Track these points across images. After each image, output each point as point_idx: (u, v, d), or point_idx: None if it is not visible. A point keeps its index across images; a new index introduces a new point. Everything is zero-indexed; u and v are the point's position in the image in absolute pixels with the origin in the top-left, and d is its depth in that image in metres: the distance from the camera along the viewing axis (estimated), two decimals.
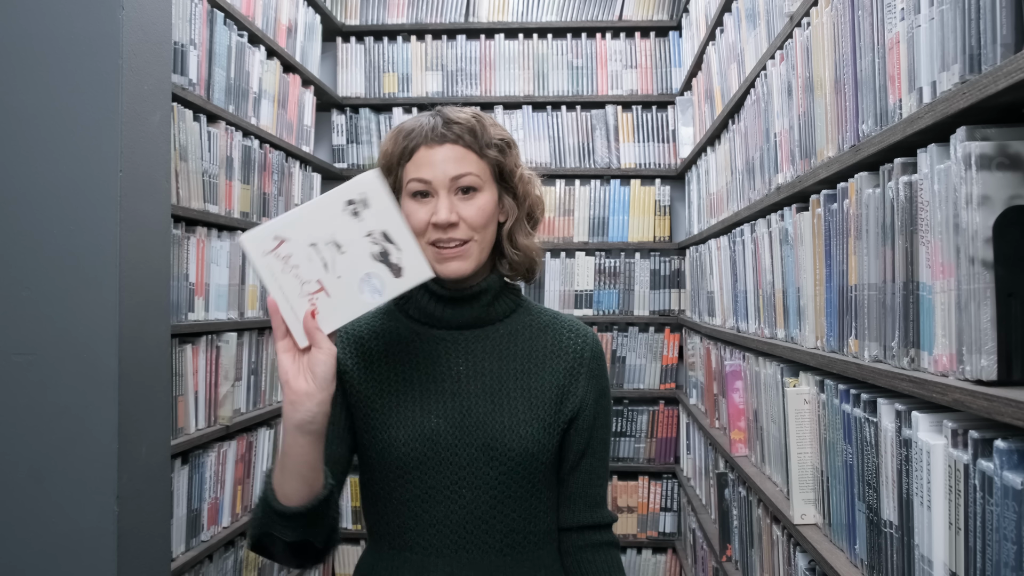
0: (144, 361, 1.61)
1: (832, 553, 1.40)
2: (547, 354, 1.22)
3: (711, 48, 2.90)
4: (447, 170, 1.14)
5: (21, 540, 1.51)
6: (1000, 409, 0.83)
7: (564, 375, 1.21)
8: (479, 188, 1.16)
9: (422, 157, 1.15)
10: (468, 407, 1.17)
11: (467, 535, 1.16)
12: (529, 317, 1.26)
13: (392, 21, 3.82)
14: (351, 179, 1.04)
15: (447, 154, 1.15)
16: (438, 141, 1.15)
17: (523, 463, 1.16)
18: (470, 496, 1.15)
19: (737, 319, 2.36)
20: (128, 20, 1.56)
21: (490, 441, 1.15)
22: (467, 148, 1.16)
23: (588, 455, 1.23)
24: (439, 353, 1.20)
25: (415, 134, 1.16)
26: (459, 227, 1.14)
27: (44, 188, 1.54)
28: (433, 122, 1.17)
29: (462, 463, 1.15)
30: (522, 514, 1.18)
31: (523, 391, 1.19)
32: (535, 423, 1.17)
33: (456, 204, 1.14)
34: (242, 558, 2.60)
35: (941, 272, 1.00)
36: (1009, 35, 0.86)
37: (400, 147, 1.17)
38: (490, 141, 1.17)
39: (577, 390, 1.21)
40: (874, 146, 1.22)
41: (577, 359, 1.22)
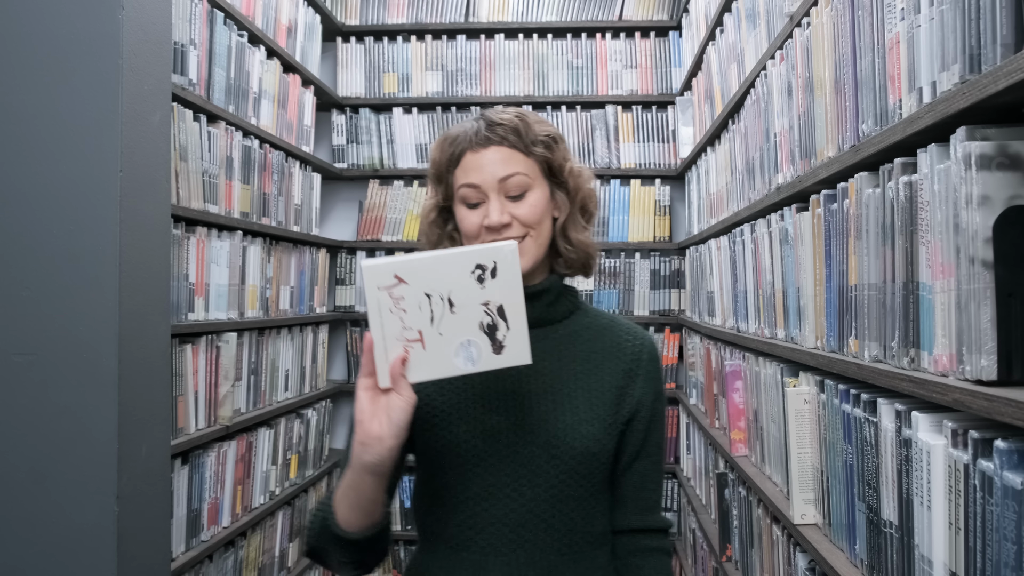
0: (144, 361, 1.61)
1: (832, 553, 1.40)
2: (606, 355, 1.22)
3: (711, 48, 2.90)
4: (495, 172, 1.15)
5: (21, 540, 1.51)
6: (1000, 409, 0.83)
7: (622, 376, 1.21)
8: (529, 187, 1.16)
9: (469, 162, 1.16)
10: (529, 405, 1.17)
11: (526, 533, 1.15)
12: (587, 319, 1.26)
13: (392, 21, 3.82)
14: (490, 245, 1.03)
15: (493, 156, 1.15)
16: (483, 144, 1.16)
17: (584, 462, 1.16)
18: (530, 494, 1.15)
19: (737, 319, 2.36)
20: (128, 20, 1.56)
21: (551, 439, 1.15)
22: (512, 148, 1.16)
23: (641, 457, 1.22)
24: None
25: (460, 140, 1.17)
26: (512, 226, 1.15)
27: (44, 188, 1.53)
28: (477, 126, 1.18)
29: (523, 460, 1.15)
30: (581, 514, 1.18)
31: (583, 390, 1.19)
32: (596, 422, 1.17)
33: (507, 205, 1.15)
34: (242, 558, 2.60)
35: (941, 272, 1.00)
36: (1009, 35, 0.86)
37: (447, 154, 1.18)
38: (536, 138, 1.17)
39: (634, 391, 1.21)
40: (874, 146, 1.22)
41: (635, 360, 1.22)
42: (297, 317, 3.16)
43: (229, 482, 2.48)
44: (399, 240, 3.77)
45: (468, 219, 1.17)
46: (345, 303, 3.79)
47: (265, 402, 2.85)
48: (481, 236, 1.16)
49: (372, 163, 3.83)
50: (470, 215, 1.17)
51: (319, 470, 3.42)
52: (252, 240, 2.72)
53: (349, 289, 3.80)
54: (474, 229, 1.16)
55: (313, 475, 3.33)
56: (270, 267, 2.90)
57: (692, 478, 3.35)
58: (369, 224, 3.82)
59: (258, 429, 2.74)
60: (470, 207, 1.17)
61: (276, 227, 2.93)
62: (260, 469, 2.75)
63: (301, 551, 3.23)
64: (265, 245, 2.85)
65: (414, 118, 3.81)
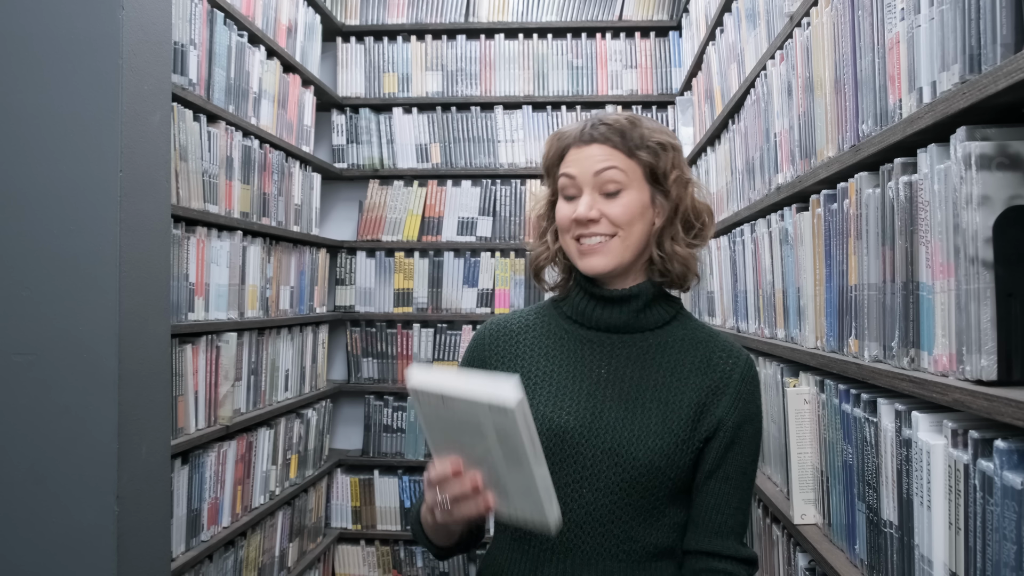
0: (144, 361, 1.61)
1: (832, 553, 1.40)
2: (693, 369, 1.20)
3: (711, 48, 2.90)
4: (591, 166, 1.17)
5: (21, 540, 1.51)
6: (1000, 409, 0.83)
7: (706, 393, 1.18)
8: (624, 187, 1.18)
9: (571, 156, 1.20)
10: (601, 410, 1.17)
11: (583, 535, 1.16)
12: (684, 330, 1.24)
13: (392, 21, 3.82)
14: (496, 394, 0.94)
15: (593, 152, 1.18)
16: (586, 141, 1.19)
17: (648, 473, 1.14)
18: (590, 497, 1.15)
19: (737, 319, 2.35)
20: (128, 20, 1.56)
21: (616, 447, 1.15)
22: (614, 148, 1.18)
23: (718, 478, 1.17)
24: (584, 353, 1.22)
25: (567, 136, 1.22)
26: (600, 223, 1.17)
27: (44, 188, 1.53)
28: (585, 122, 1.21)
29: (586, 463, 1.15)
30: (642, 524, 1.16)
31: (659, 403, 1.17)
32: (667, 436, 1.15)
33: (599, 201, 1.17)
34: (242, 558, 2.60)
35: (941, 272, 1.00)
36: (1009, 35, 0.86)
37: (554, 148, 1.23)
38: (641, 142, 1.18)
39: (717, 410, 1.18)
40: (874, 146, 1.22)
41: (724, 379, 1.19)
42: (297, 317, 3.16)
43: (229, 482, 2.48)
44: (399, 240, 3.77)
45: (562, 211, 1.21)
46: (345, 303, 3.79)
47: (265, 402, 2.85)
48: (571, 228, 1.19)
49: (372, 163, 3.83)
50: (564, 207, 1.21)
51: (319, 470, 3.42)
52: (252, 240, 2.72)
53: (349, 289, 3.80)
54: (565, 221, 1.20)
55: (313, 475, 3.33)
56: (270, 267, 2.90)
57: None
58: (369, 224, 3.82)
59: (258, 429, 2.74)
60: (566, 199, 1.20)
61: (276, 227, 2.93)
62: (260, 469, 2.75)
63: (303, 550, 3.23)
64: (265, 245, 2.85)
65: (414, 118, 3.81)
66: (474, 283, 3.76)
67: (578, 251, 1.19)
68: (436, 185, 3.81)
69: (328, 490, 3.67)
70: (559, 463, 1.16)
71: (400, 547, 3.73)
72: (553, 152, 1.23)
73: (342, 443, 3.89)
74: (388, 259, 3.79)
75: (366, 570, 3.73)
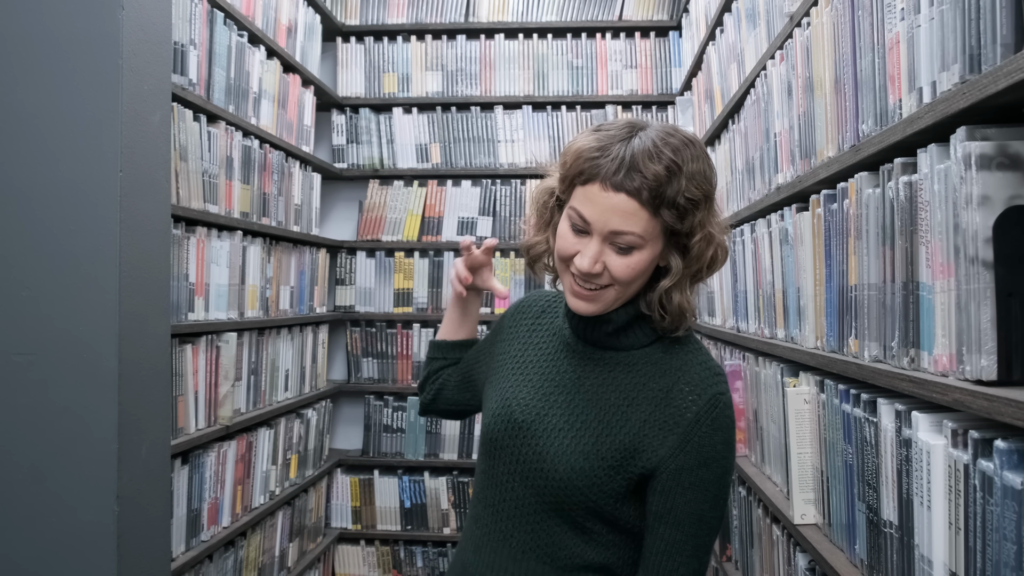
0: (144, 361, 1.61)
1: (832, 553, 1.40)
2: (648, 399, 1.13)
3: (711, 48, 2.90)
4: (609, 222, 1.07)
5: (22, 539, 1.51)
6: (1000, 409, 0.83)
7: (652, 426, 1.11)
8: (638, 247, 1.08)
9: (594, 194, 1.07)
10: (545, 413, 1.17)
11: (514, 530, 1.17)
12: (660, 355, 1.16)
13: (392, 21, 3.82)
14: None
15: (617, 204, 1.06)
16: (614, 187, 1.06)
17: (564, 490, 1.12)
18: (520, 493, 1.17)
19: (737, 319, 2.35)
20: (128, 20, 1.56)
21: (543, 453, 1.14)
22: (641, 205, 1.06)
23: (668, 523, 1.10)
24: (562, 356, 1.22)
25: (599, 163, 1.07)
26: (601, 276, 1.10)
27: (44, 188, 1.54)
28: (621, 158, 1.06)
29: (520, 459, 1.17)
30: (569, 534, 1.14)
31: (600, 423, 1.13)
32: (593, 459, 1.11)
33: (606, 253, 1.09)
34: (242, 558, 2.60)
35: (941, 272, 1.00)
36: (1009, 35, 0.86)
37: (580, 167, 1.09)
38: (672, 199, 1.06)
39: (660, 449, 1.10)
40: (874, 146, 1.22)
41: (675, 417, 1.11)
42: (297, 317, 3.16)
43: (229, 482, 2.48)
44: (399, 240, 3.77)
45: (567, 241, 1.11)
46: (345, 303, 3.79)
47: (265, 402, 2.85)
48: (567, 263, 1.12)
49: (372, 163, 3.83)
50: (570, 238, 1.11)
51: (319, 470, 3.42)
52: (252, 240, 2.72)
53: (349, 289, 3.80)
54: (566, 254, 1.12)
55: (313, 475, 3.33)
56: (270, 267, 2.90)
57: None
58: (369, 224, 3.82)
59: (258, 429, 2.74)
60: (574, 231, 1.11)
61: (276, 227, 2.93)
62: (260, 469, 2.75)
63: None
64: (265, 245, 2.85)
65: (414, 118, 3.81)
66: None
67: (570, 287, 1.13)
68: (436, 185, 3.81)
69: (328, 490, 3.67)
70: (501, 452, 1.19)
71: (400, 547, 3.73)
72: (578, 169, 1.10)
73: (342, 443, 3.89)
74: (388, 259, 3.79)
75: (366, 570, 3.73)
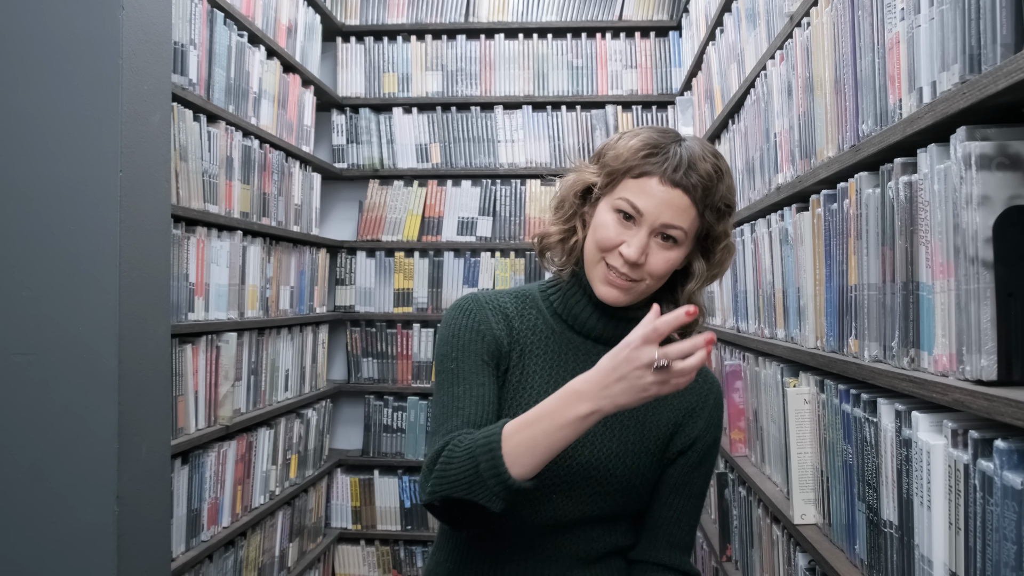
0: (144, 361, 1.61)
1: (832, 553, 1.40)
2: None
3: (711, 48, 2.90)
4: (662, 214, 1.10)
5: (21, 539, 1.51)
6: (1000, 409, 0.83)
7: (683, 413, 1.21)
8: (680, 243, 1.13)
9: (651, 187, 1.10)
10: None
11: (547, 538, 1.17)
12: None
13: (392, 21, 3.82)
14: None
15: (673, 198, 1.10)
16: (673, 183, 1.10)
17: (622, 491, 1.17)
18: (560, 504, 1.15)
19: (737, 319, 2.35)
20: (128, 20, 1.56)
21: (594, 462, 1.15)
22: (693, 203, 1.11)
23: (683, 495, 1.21)
24: (569, 359, 1.19)
25: (657, 160, 1.11)
26: (639, 269, 1.12)
27: (44, 188, 1.53)
28: (679, 157, 1.11)
29: (560, 473, 1.13)
30: (604, 528, 1.20)
31: (637, 422, 1.18)
32: (643, 456, 1.18)
33: (649, 245, 1.11)
34: (242, 558, 2.60)
35: (941, 272, 1.00)
36: (1009, 35, 0.86)
37: (634, 163, 1.12)
38: (716, 203, 1.13)
39: (692, 430, 1.21)
40: (874, 146, 1.22)
41: (701, 402, 1.22)
42: (297, 317, 3.16)
43: (229, 482, 2.48)
44: (399, 240, 3.77)
45: (609, 229, 1.12)
46: (345, 303, 3.79)
47: (265, 402, 2.85)
48: (607, 253, 1.12)
49: (372, 163, 3.83)
50: (613, 226, 1.12)
51: (319, 470, 3.42)
52: (252, 240, 2.72)
53: (349, 289, 3.80)
54: (608, 243, 1.12)
55: (313, 475, 3.33)
56: (270, 267, 2.90)
57: None
58: (369, 224, 3.82)
59: (258, 429, 2.74)
60: (618, 217, 1.12)
61: (276, 227, 2.93)
62: (260, 469, 2.75)
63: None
64: (265, 245, 2.85)
65: (414, 118, 3.81)
66: (474, 283, 3.76)
67: (603, 276, 1.13)
68: (436, 185, 3.81)
69: (328, 490, 3.67)
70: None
71: (400, 547, 3.73)
72: (633, 163, 1.12)
73: (342, 443, 3.89)
74: (388, 259, 3.79)
75: (366, 570, 3.73)
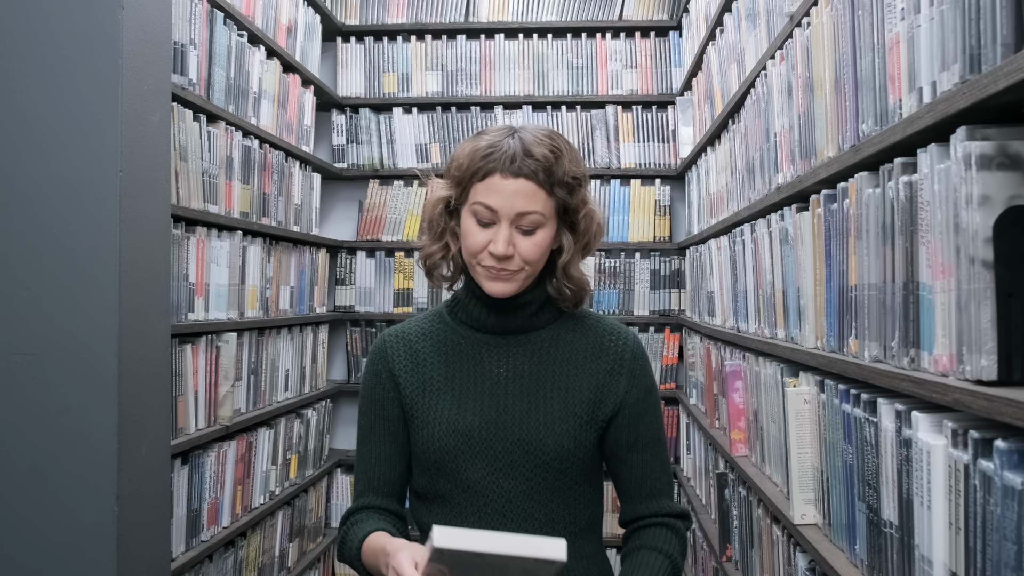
0: (144, 361, 1.61)
1: (832, 553, 1.40)
2: (587, 356, 1.28)
3: (711, 48, 2.90)
4: (514, 204, 1.18)
5: (21, 540, 1.51)
6: (1000, 409, 0.83)
7: (604, 375, 1.27)
8: (541, 226, 1.20)
9: (494, 184, 1.18)
10: (505, 406, 1.24)
11: (507, 524, 1.22)
12: (572, 321, 1.31)
13: (392, 21, 3.82)
14: (544, 549, 0.96)
15: (518, 188, 1.18)
16: (513, 174, 1.18)
17: (558, 457, 1.22)
18: (507, 486, 1.22)
19: (737, 319, 2.36)
20: (128, 20, 1.56)
21: (525, 436, 1.22)
22: (539, 186, 1.19)
23: (638, 450, 1.27)
24: (482, 356, 1.28)
25: (494, 158, 1.19)
26: (513, 259, 1.20)
27: (44, 188, 1.54)
28: (513, 149, 1.19)
29: (497, 455, 1.22)
30: (560, 505, 1.24)
31: (560, 391, 1.25)
32: (571, 420, 1.24)
33: (515, 237, 1.19)
34: (242, 558, 2.60)
35: (941, 272, 1.00)
36: (1009, 35, 0.86)
37: (476, 167, 1.20)
38: (562, 179, 1.20)
39: (617, 389, 1.27)
40: (874, 146, 1.22)
41: (617, 360, 1.28)
42: (297, 317, 3.16)
43: (229, 482, 2.48)
44: (399, 240, 3.77)
45: (475, 236, 1.21)
46: (345, 303, 3.79)
47: (265, 402, 2.85)
48: (482, 255, 1.20)
49: (372, 163, 3.83)
50: (477, 232, 1.21)
51: (319, 470, 3.42)
52: (252, 240, 2.72)
53: (349, 289, 3.80)
54: (477, 247, 1.21)
55: (313, 475, 3.33)
56: (270, 267, 2.90)
57: (692, 478, 3.35)
58: (369, 224, 3.82)
59: (258, 429, 2.74)
60: (480, 224, 1.20)
61: (276, 227, 2.93)
62: (260, 469, 2.75)
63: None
64: (265, 245, 2.85)
65: (414, 118, 3.81)
66: None
67: (485, 274, 1.22)
68: None
69: (328, 490, 3.67)
70: (471, 459, 1.22)
71: None
72: (474, 170, 1.20)
73: (342, 443, 3.89)
74: (388, 259, 3.79)
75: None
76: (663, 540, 1.26)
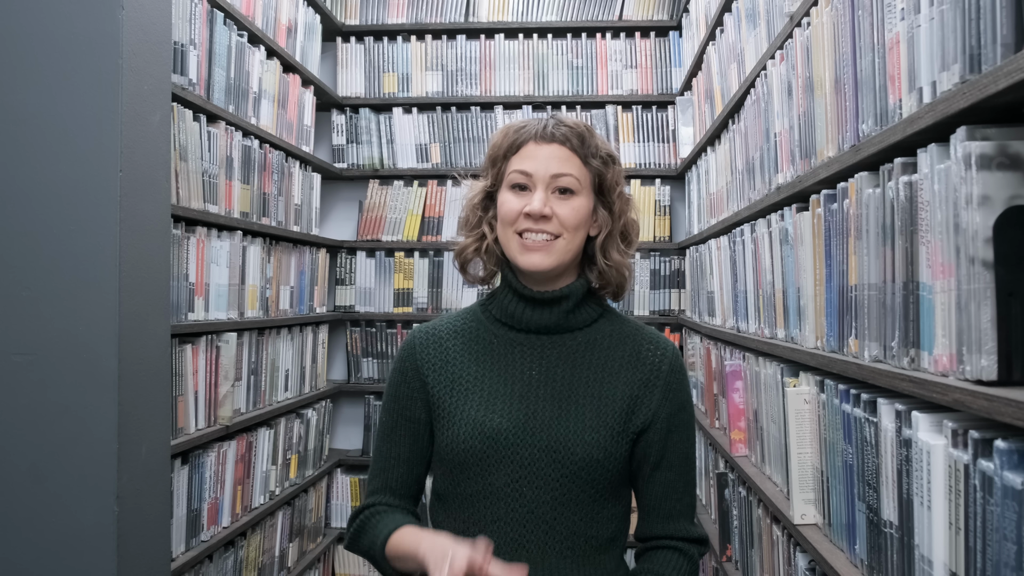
0: (144, 361, 1.61)
1: (832, 553, 1.40)
2: (623, 364, 1.23)
3: (711, 48, 2.90)
4: (549, 167, 1.18)
5: (21, 540, 1.51)
6: (1000, 409, 0.83)
7: (638, 386, 1.22)
8: (576, 191, 1.20)
9: (528, 151, 1.20)
10: (534, 410, 1.19)
11: (527, 534, 1.17)
12: (611, 327, 1.27)
13: (392, 21, 3.82)
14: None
15: (553, 152, 1.19)
16: (547, 139, 1.20)
17: (587, 467, 1.17)
18: (531, 495, 1.17)
19: (737, 319, 2.35)
20: (128, 20, 1.56)
21: (554, 444, 1.17)
22: (572, 152, 1.20)
23: (663, 468, 1.23)
24: (514, 356, 1.23)
25: (526, 130, 1.21)
26: (551, 222, 1.18)
27: (44, 188, 1.54)
28: (545, 122, 1.22)
29: (523, 462, 1.17)
30: (584, 518, 1.19)
31: (593, 399, 1.20)
32: (602, 430, 1.19)
33: (552, 200, 1.18)
34: (242, 558, 2.60)
35: (941, 272, 1.00)
36: (1009, 35, 0.86)
37: (509, 140, 1.22)
38: (595, 151, 1.21)
39: (651, 402, 1.22)
40: (874, 146, 1.22)
41: (654, 371, 1.24)
42: (297, 317, 3.16)
43: (229, 482, 2.48)
44: (399, 240, 3.77)
45: (510, 203, 1.20)
46: (345, 303, 3.79)
47: (265, 402, 2.85)
48: (518, 221, 1.18)
49: (372, 163, 3.83)
50: (513, 199, 1.20)
51: (319, 470, 3.42)
52: (252, 240, 2.72)
53: (349, 289, 3.80)
54: (513, 214, 1.19)
55: (313, 475, 3.33)
56: (270, 267, 2.90)
57: None
58: (369, 224, 3.82)
59: (258, 429, 2.74)
60: (515, 192, 1.20)
61: (276, 227, 2.93)
62: (260, 469, 2.75)
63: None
64: (265, 245, 2.85)
65: (414, 118, 3.81)
66: None
67: (521, 246, 1.19)
68: (436, 185, 3.81)
69: (328, 490, 3.67)
70: (496, 464, 1.17)
71: None
72: (507, 144, 1.22)
73: (342, 443, 3.89)
74: (388, 259, 3.79)
75: (366, 570, 3.73)
76: (672, 567, 1.22)
